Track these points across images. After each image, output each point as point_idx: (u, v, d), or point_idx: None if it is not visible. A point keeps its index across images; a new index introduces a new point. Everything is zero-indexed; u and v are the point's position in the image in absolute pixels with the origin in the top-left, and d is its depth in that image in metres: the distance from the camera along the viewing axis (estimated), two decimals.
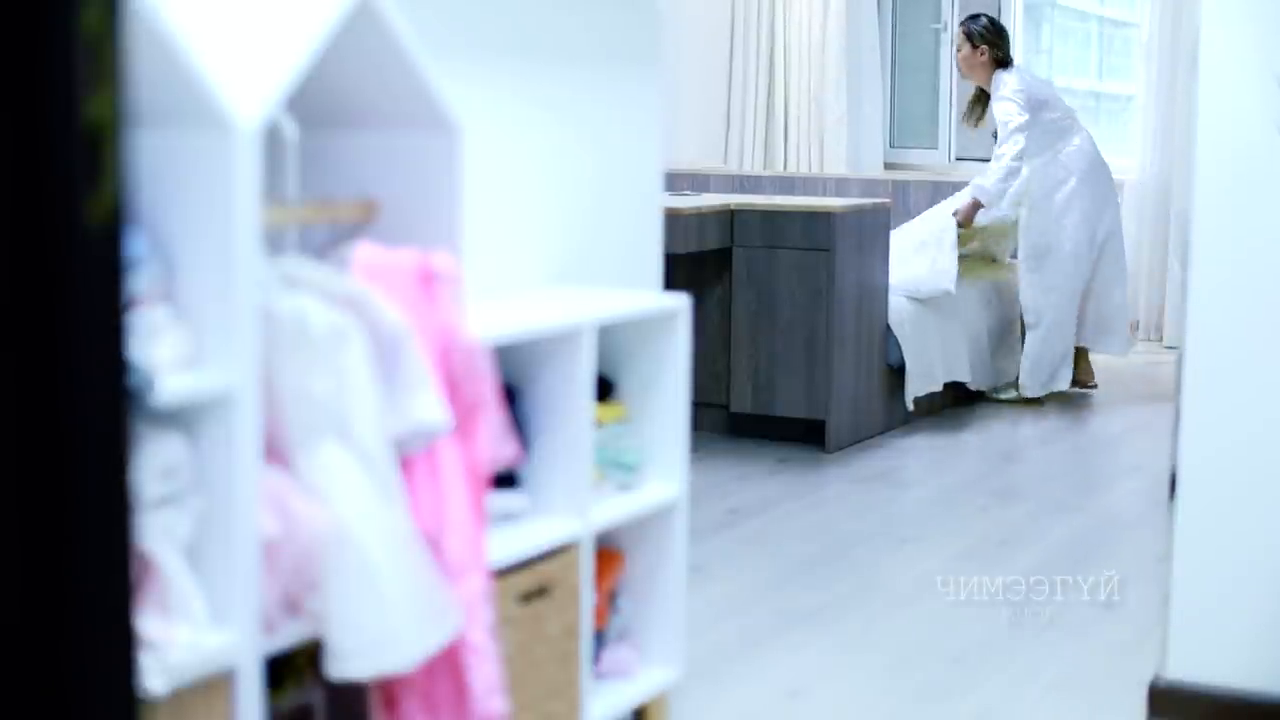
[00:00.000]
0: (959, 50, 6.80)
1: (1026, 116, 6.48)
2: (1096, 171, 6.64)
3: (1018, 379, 6.74)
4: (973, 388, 6.66)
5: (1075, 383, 6.90)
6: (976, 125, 6.91)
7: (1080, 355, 6.83)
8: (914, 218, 7.59)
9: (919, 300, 6.27)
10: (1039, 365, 6.64)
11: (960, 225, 6.50)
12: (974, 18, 6.85)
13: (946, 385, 6.45)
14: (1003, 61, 6.65)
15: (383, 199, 2.27)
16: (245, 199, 1.92)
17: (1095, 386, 7.01)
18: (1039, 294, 6.62)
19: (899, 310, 6.16)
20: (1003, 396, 6.74)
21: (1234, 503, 3.14)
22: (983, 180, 6.57)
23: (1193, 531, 3.17)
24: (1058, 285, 6.60)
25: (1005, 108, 6.53)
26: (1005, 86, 6.57)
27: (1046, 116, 6.59)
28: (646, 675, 2.90)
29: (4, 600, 0.73)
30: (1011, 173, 6.50)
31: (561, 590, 2.60)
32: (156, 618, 1.86)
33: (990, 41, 6.66)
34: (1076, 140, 6.62)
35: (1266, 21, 3.03)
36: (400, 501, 2.09)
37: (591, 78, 3.09)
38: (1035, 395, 6.65)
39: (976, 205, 6.58)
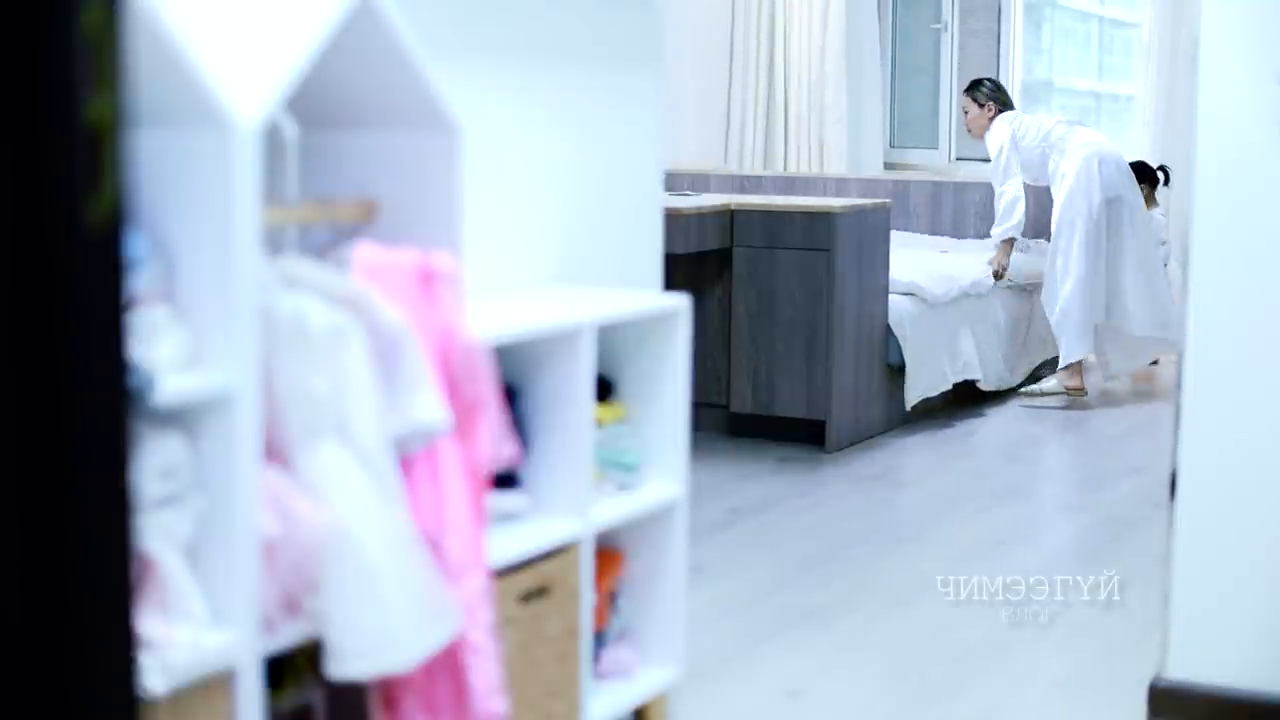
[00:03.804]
0: (966, 113, 7.10)
1: (1007, 141, 6.81)
2: (1082, 152, 6.73)
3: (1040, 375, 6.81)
4: (984, 388, 6.65)
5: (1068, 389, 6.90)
6: None
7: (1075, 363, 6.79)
8: (914, 218, 7.61)
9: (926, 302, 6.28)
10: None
11: (1000, 274, 6.81)
12: (976, 83, 7.16)
13: (949, 385, 6.45)
14: (999, 113, 7.03)
15: (383, 199, 2.27)
16: (245, 199, 1.92)
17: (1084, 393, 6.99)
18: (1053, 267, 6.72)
19: (899, 310, 6.16)
20: (1035, 401, 6.71)
21: (1234, 503, 3.14)
22: (996, 227, 6.88)
23: (1193, 531, 3.17)
24: (1069, 259, 6.65)
25: (990, 139, 6.92)
26: (995, 125, 6.93)
27: (1025, 141, 6.84)
28: (646, 675, 2.90)
29: (4, 600, 0.73)
30: (1012, 204, 6.79)
31: (561, 590, 2.60)
32: (156, 618, 1.86)
33: (996, 98, 7.03)
34: (1059, 134, 6.79)
35: (1266, 21, 3.03)
36: (400, 501, 2.09)
37: (591, 78, 3.09)
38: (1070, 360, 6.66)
39: (1010, 244, 6.85)
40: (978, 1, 8.82)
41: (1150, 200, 7.91)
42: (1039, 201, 7.08)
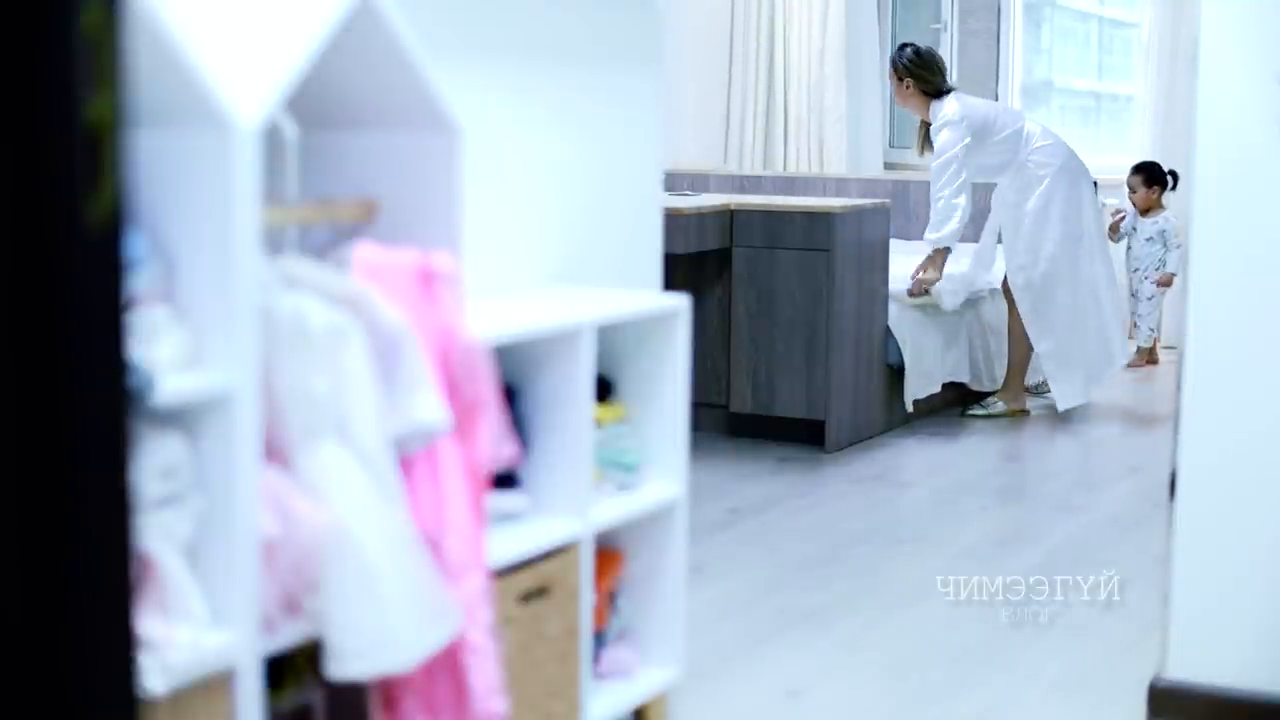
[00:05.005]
0: (890, 82, 6.53)
1: (959, 147, 6.20)
2: (1069, 168, 6.37)
3: (995, 392, 6.64)
4: (974, 388, 6.64)
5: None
6: (923, 154, 6.61)
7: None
8: (914, 218, 7.60)
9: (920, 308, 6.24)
10: (1063, 375, 6.36)
11: (924, 288, 6.25)
12: (901, 48, 6.48)
13: (946, 385, 6.44)
14: (935, 91, 6.34)
15: (383, 199, 2.27)
16: (245, 199, 1.92)
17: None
18: (1039, 305, 6.36)
19: (898, 311, 6.16)
20: (981, 412, 6.54)
21: (1234, 503, 3.14)
22: (932, 233, 6.28)
23: (1193, 531, 3.17)
24: (1052, 292, 6.34)
25: (940, 139, 6.28)
26: (940, 116, 6.29)
27: (995, 138, 6.32)
28: (646, 675, 2.90)
29: (4, 600, 0.73)
30: (951, 210, 6.21)
31: (561, 590, 2.60)
32: (156, 618, 1.86)
33: (914, 74, 6.34)
34: (1038, 143, 6.33)
35: (1266, 21, 3.03)
36: (400, 501, 2.09)
37: (591, 78, 3.09)
38: (1069, 406, 6.39)
39: (943, 254, 6.28)
40: (977, 1, 8.83)
41: (1157, 204, 7.89)
42: (977, 201, 6.57)
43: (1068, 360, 6.37)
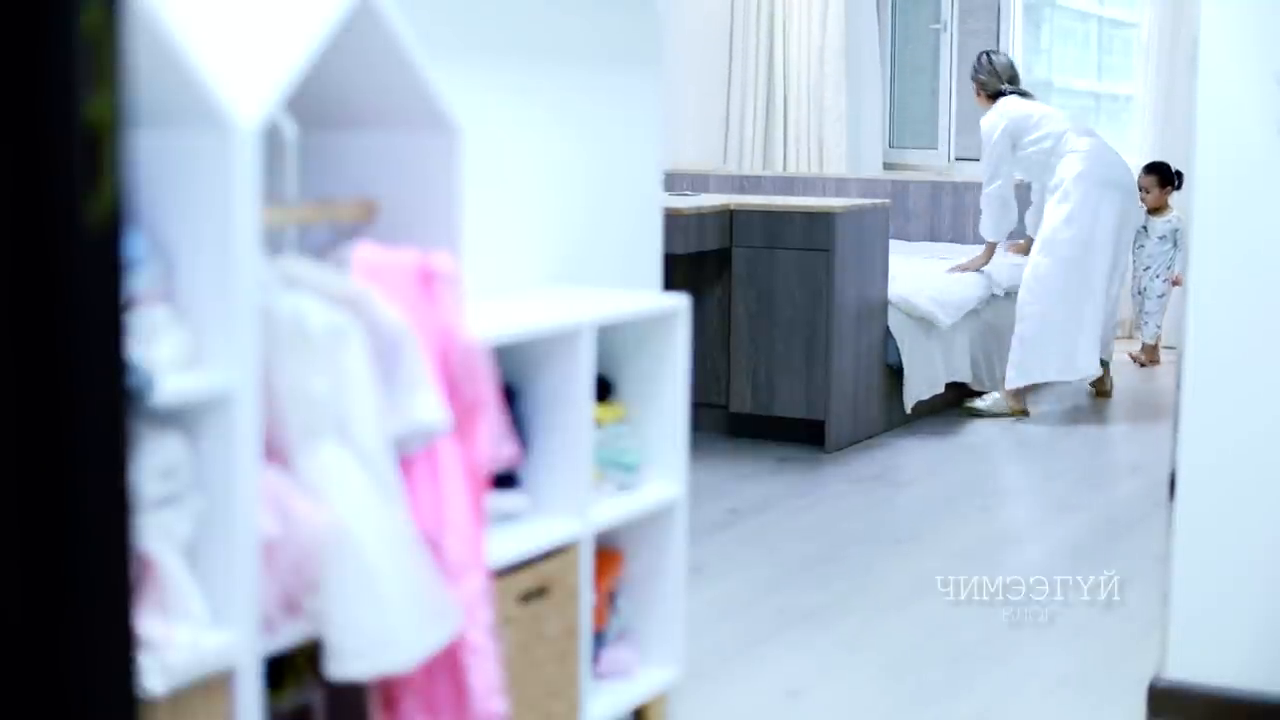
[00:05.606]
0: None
1: (990, 143, 6.50)
2: (1091, 175, 6.40)
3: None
4: (975, 388, 6.63)
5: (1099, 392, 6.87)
6: None
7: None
8: (914, 218, 7.59)
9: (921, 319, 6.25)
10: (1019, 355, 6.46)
11: (977, 269, 6.66)
12: (977, 57, 6.84)
13: (946, 385, 6.43)
14: (994, 93, 6.63)
15: (383, 199, 2.27)
16: (245, 199, 1.92)
17: (1109, 394, 6.93)
18: (1026, 298, 6.44)
19: (898, 312, 6.15)
20: (981, 405, 6.55)
21: (1234, 503, 3.14)
22: (983, 229, 6.68)
23: (1193, 531, 3.17)
24: (1047, 279, 6.40)
25: (983, 132, 6.62)
26: (988, 115, 6.61)
27: (1028, 138, 6.47)
28: (646, 675, 2.90)
29: (4, 600, 0.73)
30: (998, 203, 6.55)
31: (561, 590, 2.60)
32: (156, 618, 1.86)
33: (978, 77, 6.72)
34: (1069, 148, 6.41)
35: (1266, 21, 3.03)
36: (400, 501, 2.09)
37: (591, 78, 3.09)
38: (1012, 386, 6.46)
39: (991, 248, 6.66)
40: (977, 1, 8.83)
41: (1164, 206, 7.87)
42: (1021, 200, 6.79)
43: (1029, 343, 6.42)
